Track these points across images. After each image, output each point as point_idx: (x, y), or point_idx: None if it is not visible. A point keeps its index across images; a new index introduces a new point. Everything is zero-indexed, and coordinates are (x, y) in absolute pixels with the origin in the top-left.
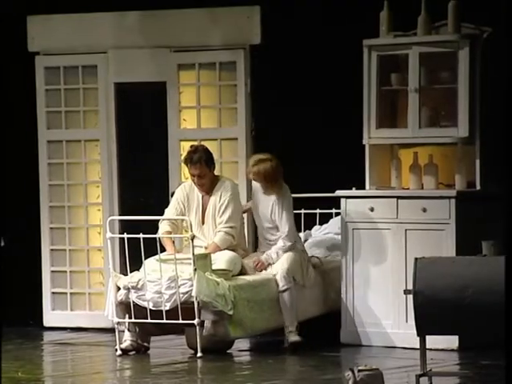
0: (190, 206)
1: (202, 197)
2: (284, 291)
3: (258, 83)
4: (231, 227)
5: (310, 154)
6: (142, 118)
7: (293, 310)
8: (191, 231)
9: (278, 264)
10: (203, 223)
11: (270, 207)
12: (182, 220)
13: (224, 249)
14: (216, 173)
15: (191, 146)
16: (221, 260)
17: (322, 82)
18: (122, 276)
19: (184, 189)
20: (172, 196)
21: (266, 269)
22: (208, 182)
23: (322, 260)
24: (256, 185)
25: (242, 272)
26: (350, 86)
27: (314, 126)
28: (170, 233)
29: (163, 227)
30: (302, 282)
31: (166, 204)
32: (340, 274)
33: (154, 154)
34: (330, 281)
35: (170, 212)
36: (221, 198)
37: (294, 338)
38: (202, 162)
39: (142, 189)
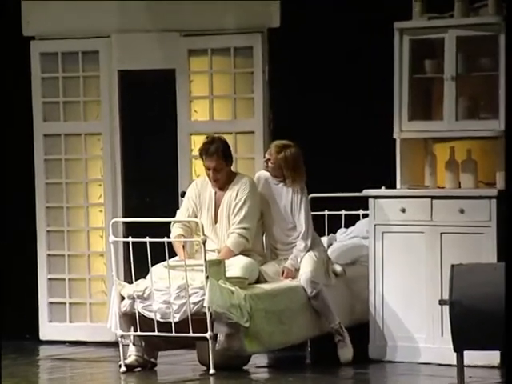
0: (202, 204)
1: (215, 193)
2: (315, 296)
3: (277, 70)
4: (245, 228)
5: (334, 148)
6: (148, 110)
7: (331, 307)
8: (203, 234)
9: (299, 267)
10: (216, 222)
11: (290, 202)
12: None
13: (238, 253)
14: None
15: (207, 137)
16: (236, 267)
17: (348, 69)
18: (126, 284)
19: (196, 186)
20: (182, 196)
21: (295, 277)
22: (224, 178)
23: (348, 267)
24: (268, 180)
25: (260, 280)
26: (379, 73)
27: (338, 118)
28: (182, 236)
29: (175, 230)
30: (326, 282)
31: (175, 204)
32: (367, 282)
33: (161, 149)
34: (356, 290)
35: (182, 213)
36: (237, 195)
37: (345, 352)
38: (219, 153)
39: (149, 188)
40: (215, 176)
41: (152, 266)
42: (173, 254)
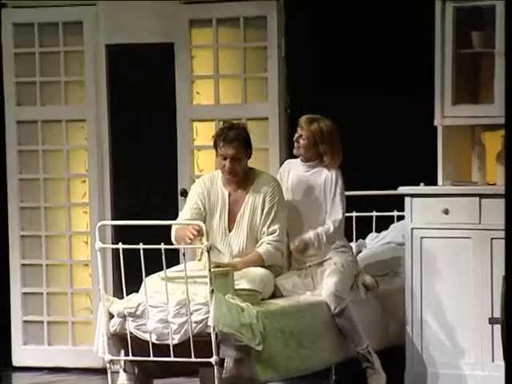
0: (212, 207)
1: (229, 194)
2: (340, 313)
3: (295, 45)
4: (282, 242)
5: (363, 139)
6: (141, 92)
7: (358, 327)
8: (207, 240)
9: (322, 279)
10: (230, 230)
11: (323, 188)
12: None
13: (260, 265)
14: None
15: (225, 122)
16: (247, 278)
17: (378, 43)
18: (115, 300)
19: (203, 182)
20: (182, 195)
21: (304, 251)
22: (242, 171)
23: (380, 279)
24: (296, 172)
25: (275, 294)
26: (416, 48)
27: (367, 102)
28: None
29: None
30: (354, 297)
31: (174, 204)
32: (403, 297)
33: (157, 138)
34: (390, 307)
35: (185, 215)
36: (265, 200)
37: (376, 381)
38: (239, 140)
39: (143, 185)
40: (233, 166)
41: (146, 277)
42: (171, 263)
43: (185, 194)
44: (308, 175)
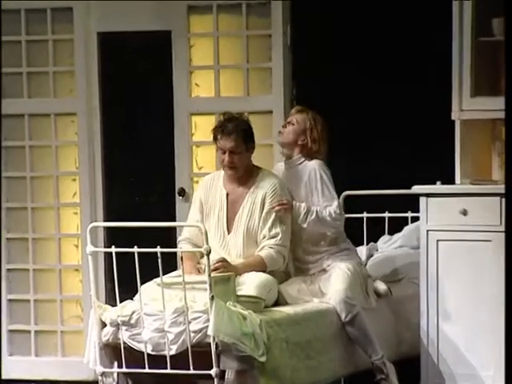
0: (210, 208)
1: (228, 194)
2: (351, 322)
3: (302, 33)
4: (284, 247)
5: (374, 134)
6: (136, 84)
7: (371, 336)
8: (207, 243)
9: (328, 285)
10: (229, 231)
11: (308, 183)
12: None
13: (261, 270)
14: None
15: (224, 114)
16: (249, 284)
17: (391, 29)
18: (108, 307)
19: (204, 183)
20: (180, 194)
21: (286, 210)
22: (242, 165)
23: (393, 285)
24: (286, 172)
25: (279, 302)
26: (433, 35)
27: (379, 94)
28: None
29: (182, 247)
30: (365, 304)
31: (171, 205)
32: (419, 304)
33: (154, 133)
34: (403, 315)
35: (192, 220)
36: (265, 199)
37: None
38: (238, 132)
39: (137, 184)
40: (232, 160)
41: (142, 283)
42: (168, 268)
43: (183, 193)
44: (292, 173)
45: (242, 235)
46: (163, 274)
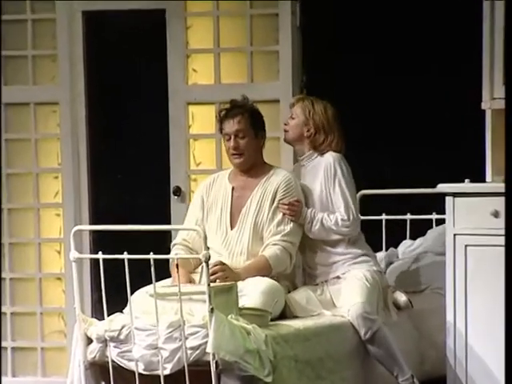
0: (212, 203)
1: (233, 188)
2: (372, 339)
3: (313, 12)
4: (291, 244)
5: (394, 127)
6: (126, 69)
7: (397, 353)
8: (205, 249)
9: (343, 296)
10: (232, 227)
11: (319, 182)
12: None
13: (265, 274)
14: None
15: (232, 101)
16: (253, 294)
17: (411, 11)
18: (94, 321)
19: (210, 179)
20: (175, 193)
21: (294, 216)
22: (249, 154)
23: (416, 296)
24: (298, 173)
25: (286, 314)
26: (459, 17)
27: (399, 84)
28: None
29: (178, 251)
30: (383, 319)
31: (166, 204)
32: (444, 318)
33: (145, 125)
34: (427, 330)
35: (191, 219)
36: (276, 193)
37: None
38: (244, 116)
39: (128, 182)
40: (236, 145)
41: (132, 293)
42: (162, 277)
43: (178, 192)
44: (306, 171)
45: (248, 230)
46: (156, 283)
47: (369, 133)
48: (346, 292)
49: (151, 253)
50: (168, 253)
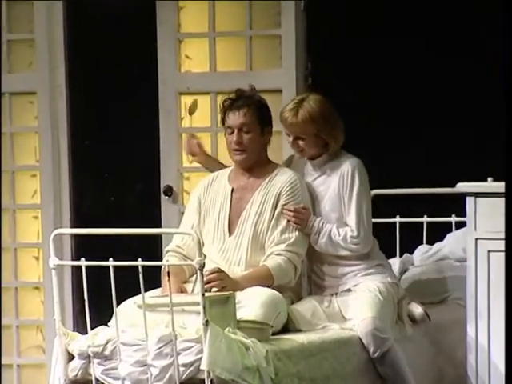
0: (209, 205)
1: (233, 190)
2: (382, 359)
3: None
4: (297, 254)
5: (406, 118)
6: (112, 55)
7: (407, 374)
8: (200, 255)
9: (353, 309)
10: (231, 233)
11: (333, 189)
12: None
13: (267, 286)
14: None
15: (238, 91)
16: (252, 304)
17: None
18: (77, 335)
19: (208, 180)
20: (166, 193)
21: (299, 224)
22: (253, 152)
23: (433, 308)
24: (299, 167)
25: (289, 327)
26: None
27: (414, 71)
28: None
29: (171, 258)
30: (398, 334)
31: (155, 205)
32: (465, 332)
33: (133, 117)
34: (446, 345)
35: (186, 223)
36: (279, 196)
37: None
38: (251, 108)
39: (113, 180)
40: (240, 139)
41: (118, 304)
42: (152, 286)
43: (170, 192)
44: (320, 177)
45: (247, 238)
46: (145, 293)
47: (380, 126)
48: (356, 304)
49: (140, 259)
50: (159, 259)
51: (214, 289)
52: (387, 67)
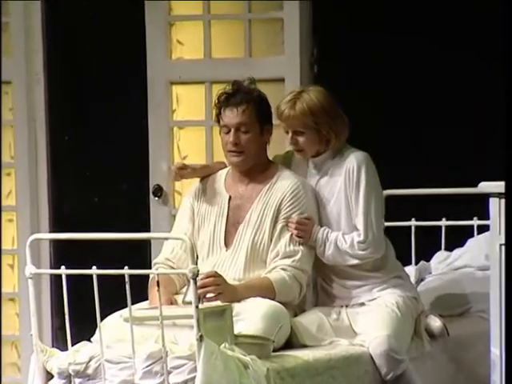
0: (205, 214)
1: (230, 199)
2: (395, 381)
3: None
4: (303, 271)
5: (421, 110)
6: (95, 40)
7: None
8: (193, 263)
9: (365, 323)
10: (227, 245)
11: (337, 190)
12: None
13: (268, 298)
14: None
15: (235, 83)
16: (252, 317)
17: None
18: (56, 351)
19: (202, 183)
20: (156, 194)
21: (303, 237)
22: (251, 153)
23: (453, 321)
24: (299, 166)
25: (291, 343)
26: None
27: (432, 62)
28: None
29: (161, 270)
30: (415, 352)
31: (143, 207)
32: (488, 347)
33: (119, 110)
34: (466, 363)
35: (179, 231)
36: (280, 205)
37: None
38: (250, 105)
39: (97, 179)
40: (237, 139)
41: (102, 317)
42: (140, 297)
43: (160, 192)
44: (324, 178)
45: (244, 252)
46: (132, 305)
47: (393, 121)
48: (370, 319)
49: (126, 267)
50: (148, 267)
51: (209, 295)
52: (398, 53)
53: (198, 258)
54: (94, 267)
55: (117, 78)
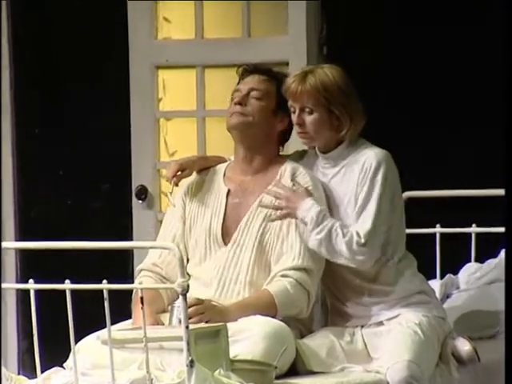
0: (198, 210)
1: (229, 192)
2: None
3: None
4: (309, 276)
5: (444, 101)
6: (69, 22)
7: None
8: (182, 276)
9: (384, 347)
10: (226, 242)
11: (352, 188)
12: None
13: (270, 314)
14: None
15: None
16: (251, 339)
17: None
18: (23, 379)
19: (196, 178)
20: (139, 196)
21: (286, 208)
22: (256, 123)
23: (485, 343)
24: (310, 164)
25: (297, 369)
26: None
27: (454, 42)
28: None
29: (141, 280)
30: (439, 378)
31: (125, 210)
32: None
33: (97, 100)
34: None
35: (167, 232)
36: None
37: None
38: (270, 75)
39: (71, 179)
40: (243, 99)
41: (77, 340)
42: (122, 315)
43: (144, 194)
44: (337, 176)
45: (250, 251)
46: (112, 326)
47: (415, 110)
48: (390, 342)
49: (105, 281)
50: (130, 281)
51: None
52: (416, 32)
53: (188, 262)
54: (68, 281)
55: (94, 62)
